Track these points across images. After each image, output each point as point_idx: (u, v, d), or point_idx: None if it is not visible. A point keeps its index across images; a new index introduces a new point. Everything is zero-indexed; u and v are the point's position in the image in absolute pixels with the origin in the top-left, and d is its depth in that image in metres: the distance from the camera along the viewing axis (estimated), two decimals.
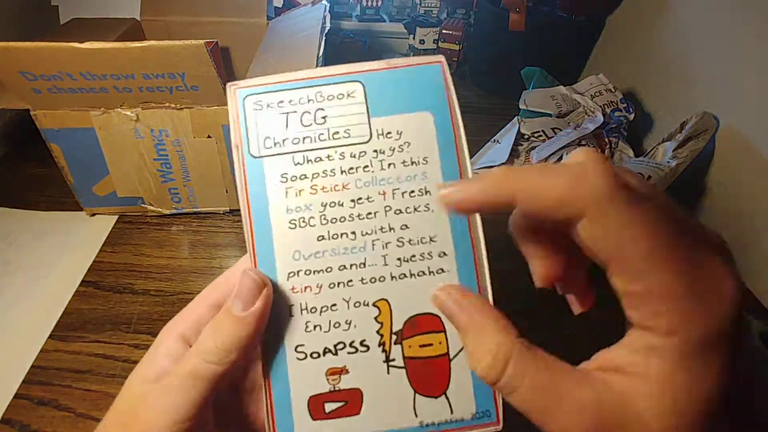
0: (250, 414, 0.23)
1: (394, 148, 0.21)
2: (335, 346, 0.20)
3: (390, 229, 0.21)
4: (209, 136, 0.48)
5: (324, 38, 0.51)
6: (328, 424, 0.20)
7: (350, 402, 0.20)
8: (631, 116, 0.61)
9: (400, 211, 0.21)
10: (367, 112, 0.21)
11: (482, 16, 0.82)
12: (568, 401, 0.16)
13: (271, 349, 0.20)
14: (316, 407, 0.20)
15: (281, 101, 0.21)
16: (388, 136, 0.21)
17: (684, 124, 0.53)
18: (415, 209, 0.21)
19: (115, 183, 0.51)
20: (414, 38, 0.88)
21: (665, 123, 0.63)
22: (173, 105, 0.45)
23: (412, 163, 0.21)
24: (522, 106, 0.63)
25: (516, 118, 0.63)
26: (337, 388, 0.20)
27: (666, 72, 0.64)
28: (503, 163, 0.57)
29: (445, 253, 0.21)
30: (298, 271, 0.20)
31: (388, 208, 0.21)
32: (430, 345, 0.20)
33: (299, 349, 0.20)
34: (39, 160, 0.59)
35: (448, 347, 0.20)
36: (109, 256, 0.50)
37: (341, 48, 0.84)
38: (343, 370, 0.20)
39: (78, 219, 0.54)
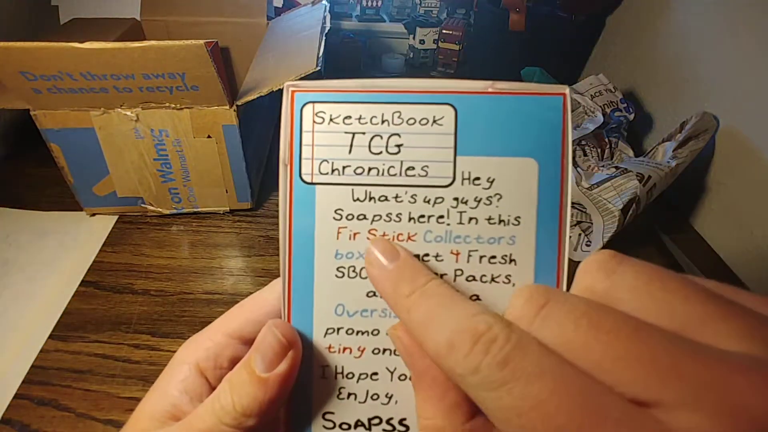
0: None
1: (480, 199, 0.17)
2: (369, 420, 0.18)
3: None
4: (209, 136, 0.48)
5: (324, 38, 0.51)
6: None
7: None
8: (631, 116, 0.61)
9: (473, 278, 0.17)
10: (454, 147, 0.17)
11: (482, 16, 0.82)
12: None
13: (296, 410, 0.18)
14: None
15: (348, 117, 0.17)
16: (476, 182, 0.17)
17: (684, 124, 0.53)
18: (493, 279, 0.17)
19: (115, 183, 0.51)
20: (414, 38, 0.88)
21: (665, 123, 0.63)
22: (173, 105, 0.45)
23: (500, 221, 0.17)
24: None
25: None
26: None
27: (666, 72, 0.64)
28: None
29: None
30: (338, 329, 0.18)
31: (458, 272, 0.17)
32: None
33: (327, 416, 0.18)
34: (39, 160, 0.59)
35: None
36: (109, 256, 0.50)
37: (341, 48, 0.84)
38: None
39: (78, 219, 0.54)
